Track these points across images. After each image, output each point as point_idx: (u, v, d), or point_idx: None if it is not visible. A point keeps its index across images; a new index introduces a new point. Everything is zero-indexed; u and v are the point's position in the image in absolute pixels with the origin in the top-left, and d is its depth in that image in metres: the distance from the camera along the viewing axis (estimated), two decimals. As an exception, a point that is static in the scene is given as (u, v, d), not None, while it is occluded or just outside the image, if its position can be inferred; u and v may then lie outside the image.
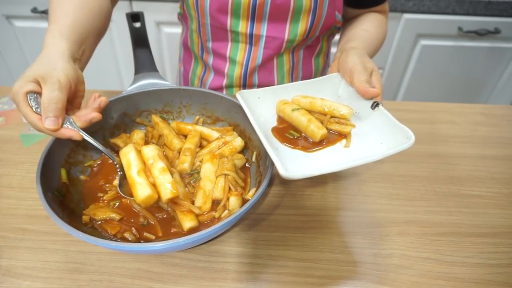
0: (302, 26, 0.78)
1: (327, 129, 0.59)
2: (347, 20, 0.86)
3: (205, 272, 0.54)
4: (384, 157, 0.49)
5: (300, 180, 0.69)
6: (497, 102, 1.70)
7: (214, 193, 0.58)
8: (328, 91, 0.64)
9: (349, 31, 0.80)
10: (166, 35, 1.55)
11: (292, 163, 0.53)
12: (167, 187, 0.54)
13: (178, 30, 1.52)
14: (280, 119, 0.63)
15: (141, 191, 0.53)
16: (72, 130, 0.53)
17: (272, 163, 0.56)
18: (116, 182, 0.61)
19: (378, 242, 0.59)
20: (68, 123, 0.54)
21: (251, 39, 0.81)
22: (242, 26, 0.79)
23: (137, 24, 0.77)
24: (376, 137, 0.56)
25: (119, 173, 0.59)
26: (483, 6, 1.40)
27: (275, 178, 0.70)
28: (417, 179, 0.71)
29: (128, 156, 0.58)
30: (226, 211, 0.57)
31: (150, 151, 0.58)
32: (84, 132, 0.55)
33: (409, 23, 1.47)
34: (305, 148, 0.56)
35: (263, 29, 0.79)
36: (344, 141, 0.57)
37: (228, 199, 0.58)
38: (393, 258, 0.57)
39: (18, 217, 0.61)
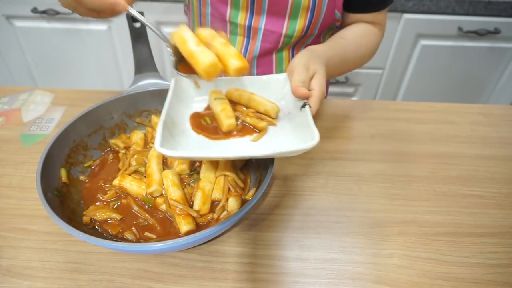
0: (300, 22, 0.78)
1: (244, 122, 0.59)
2: (342, 27, 0.85)
3: (205, 272, 0.54)
4: (274, 155, 0.48)
5: (300, 180, 0.69)
6: (497, 102, 1.70)
7: (214, 193, 0.58)
8: (273, 89, 0.64)
9: (330, 37, 0.79)
10: (166, 35, 1.54)
11: (185, 145, 0.53)
12: (234, 57, 0.49)
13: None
14: (208, 107, 0.63)
15: (204, 57, 0.48)
16: None
17: (273, 163, 0.56)
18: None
19: (378, 242, 0.59)
20: None
21: (249, 31, 0.81)
22: (241, 18, 0.79)
23: (137, 24, 0.76)
24: (291, 137, 0.56)
25: (172, 58, 0.55)
26: (483, 6, 1.40)
27: (275, 178, 0.70)
28: (417, 179, 0.71)
29: (183, 34, 0.52)
30: (225, 212, 0.57)
31: (206, 31, 0.54)
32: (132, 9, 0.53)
33: (409, 23, 1.47)
34: (210, 136, 0.57)
35: (261, 22, 0.79)
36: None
37: (227, 200, 0.58)
38: (393, 258, 0.57)
39: (18, 217, 0.61)
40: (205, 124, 0.59)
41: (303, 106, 0.56)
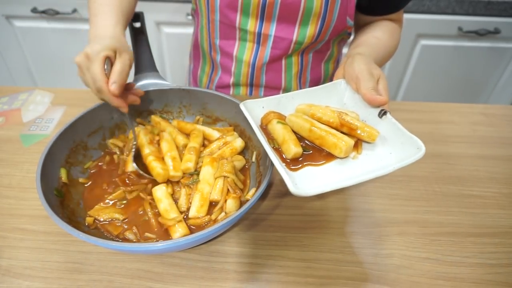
0: (311, 29, 0.78)
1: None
2: (360, 27, 0.84)
3: (205, 272, 0.54)
4: (395, 170, 0.48)
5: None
6: (497, 102, 1.70)
7: (212, 194, 0.58)
8: (333, 98, 0.62)
9: (360, 37, 0.79)
10: (166, 35, 1.55)
11: (301, 179, 0.51)
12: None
13: (178, 30, 1.52)
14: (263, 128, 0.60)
15: (347, 139, 0.52)
16: (123, 101, 0.60)
17: (272, 163, 0.56)
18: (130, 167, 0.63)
19: (378, 242, 0.59)
20: None
21: (259, 38, 0.81)
22: (251, 25, 0.79)
23: (137, 24, 0.77)
24: (385, 147, 0.54)
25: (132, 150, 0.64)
26: (483, 6, 1.40)
27: (275, 178, 0.70)
28: (417, 179, 0.71)
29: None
30: (223, 214, 0.57)
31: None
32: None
33: (409, 23, 1.46)
34: (313, 163, 0.54)
35: (271, 29, 0.79)
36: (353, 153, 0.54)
37: (225, 201, 0.58)
38: (393, 258, 0.57)
39: (18, 217, 0.61)
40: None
41: (384, 113, 0.55)
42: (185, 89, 0.72)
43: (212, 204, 0.59)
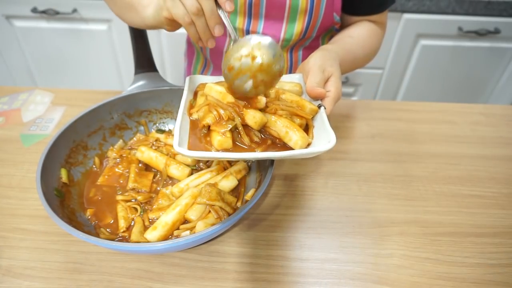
0: (298, 26, 0.78)
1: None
2: (342, 28, 0.84)
3: (205, 272, 0.54)
4: (296, 156, 0.48)
5: (300, 180, 0.69)
6: (497, 102, 1.70)
7: (189, 213, 0.55)
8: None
9: (336, 36, 0.79)
10: (166, 35, 1.55)
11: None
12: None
13: (178, 30, 1.52)
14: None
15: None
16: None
17: (273, 163, 0.56)
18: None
19: (378, 242, 0.59)
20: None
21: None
22: (239, 22, 0.80)
23: (137, 24, 0.77)
24: None
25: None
26: (483, 6, 1.40)
27: (275, 178, 0.70)
28: (417, 179, 0.71)
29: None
30: (187, 232, 0.54)
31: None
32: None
33: (409, 23, 1.47)
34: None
35: (259, 26, 0.80)
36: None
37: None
38: (393, 258, 0.57)
39: (18, 217, 0.61)
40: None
41: (318, 107, 0.56)
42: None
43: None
